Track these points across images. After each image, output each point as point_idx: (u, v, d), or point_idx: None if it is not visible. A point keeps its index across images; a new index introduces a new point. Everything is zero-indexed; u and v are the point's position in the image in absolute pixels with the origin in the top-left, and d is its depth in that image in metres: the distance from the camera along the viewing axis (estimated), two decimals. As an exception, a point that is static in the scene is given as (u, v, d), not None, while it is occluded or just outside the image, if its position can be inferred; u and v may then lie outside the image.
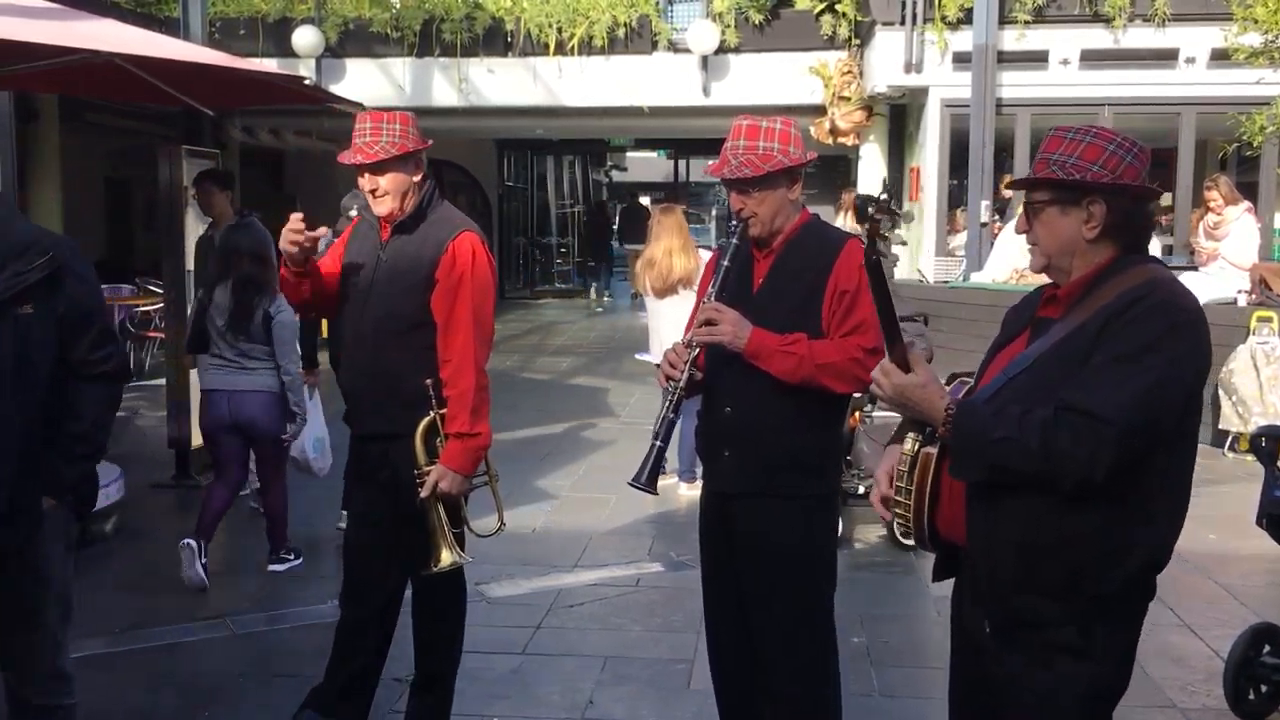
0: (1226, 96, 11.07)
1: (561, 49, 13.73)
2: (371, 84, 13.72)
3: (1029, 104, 12.05)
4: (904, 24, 12.03)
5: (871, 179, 13.31)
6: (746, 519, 3.14)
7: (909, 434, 2.42)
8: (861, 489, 6.21)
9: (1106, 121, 10.80)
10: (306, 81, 8.40)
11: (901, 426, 2.48)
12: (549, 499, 7.21)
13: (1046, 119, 11.43)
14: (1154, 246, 11.07)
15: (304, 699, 3.76)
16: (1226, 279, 9.10)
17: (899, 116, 13.60)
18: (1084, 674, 2.29)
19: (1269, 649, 4.17)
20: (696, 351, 3.10)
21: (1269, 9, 9.25)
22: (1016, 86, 11.96)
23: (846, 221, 11.64)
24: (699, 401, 3.29)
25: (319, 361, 6.41)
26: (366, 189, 3.51)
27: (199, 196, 7.06)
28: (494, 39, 13.89)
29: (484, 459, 3.60)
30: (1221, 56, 10.79)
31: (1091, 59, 11.90)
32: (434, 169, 3.75)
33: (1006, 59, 11.87)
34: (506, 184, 23.16)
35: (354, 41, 14.07)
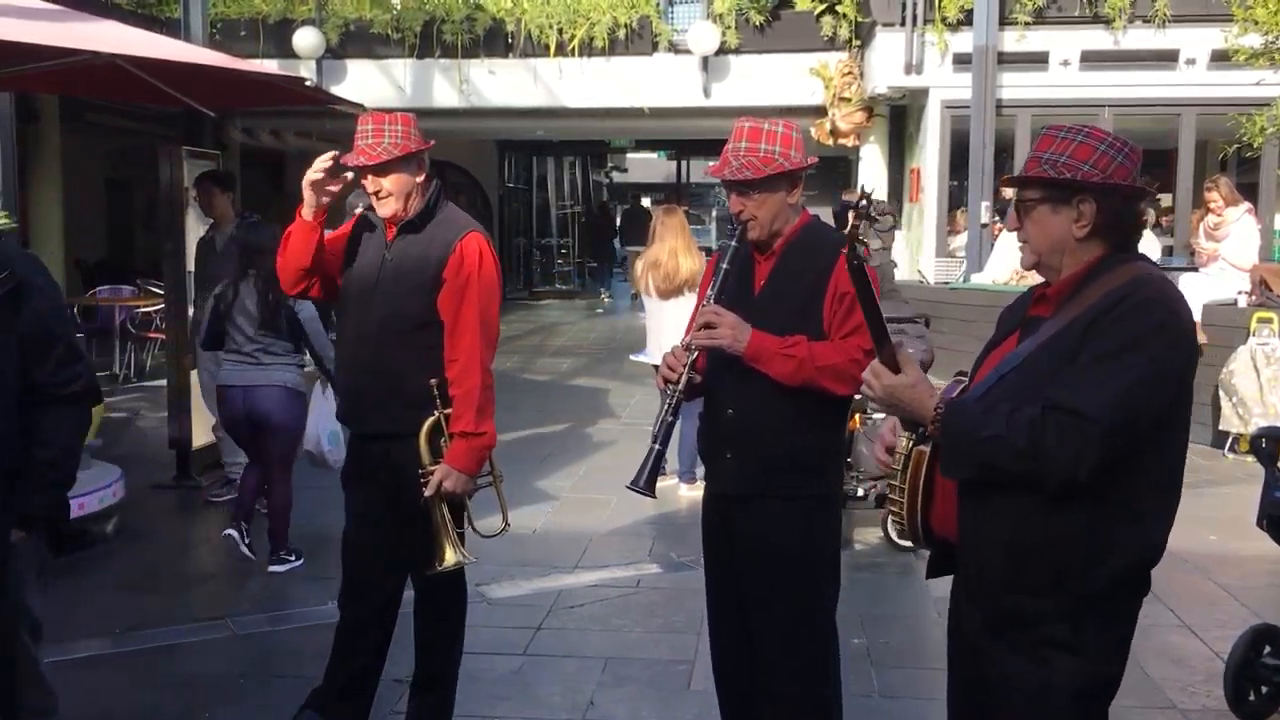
0: (1227, 98, 11.07)
1: (562, 50, 13.76)
2: (372, 85, 13.74)
3: (1029, 105, 12.05)
4: (904, 25, 12.05)
5: (872, 180, 13.31)
6: (746, 520, 3.14)
7: (903, 433, 2.44)
8: (861, 491, 6.21)
9: (1107, 123, 10.80)
10: (307, 83, 8.41)
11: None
12: (549, 500, 7.21)
13: (1047, 120, 11.36)
14: (1154, 247, 11.03)
15: (304, 699, 3.77)
16: (1227, 280, 9.10)
17: (899, 118, 13.61)
18: (1078, 670, 2.29)
19: (1269, 650, 4.17)
20: (695, 354, 3.09)
21: (1269, 10, 9.23)
22: (1017, 87, 11.97)
23: (846, 222, 11.63)
24: (700, 403, 3.29)
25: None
26: (370, 190, 3.51)
27: (200, 197, 7.09)
28: (495, 40, 13.91)
29: (489, 459, 3.61)
30: (1222, 58, 10.78)
31: (1092, 60, 11.91)
32: (435, 170, 3.75)
33: (1007, 60, 11.88)
34: (507, 185, 23.19)
35: (355, 43, 14.10)
